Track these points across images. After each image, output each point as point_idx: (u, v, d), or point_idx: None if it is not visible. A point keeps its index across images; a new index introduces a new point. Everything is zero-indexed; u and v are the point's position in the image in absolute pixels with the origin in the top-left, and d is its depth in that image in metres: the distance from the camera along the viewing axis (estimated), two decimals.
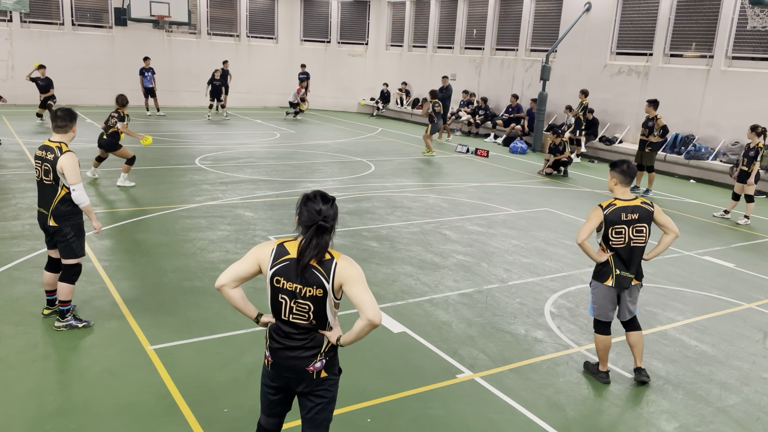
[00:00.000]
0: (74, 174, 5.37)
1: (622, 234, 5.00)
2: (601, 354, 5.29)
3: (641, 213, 5.01)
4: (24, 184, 10.93)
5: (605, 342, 5.24)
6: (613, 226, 4.99)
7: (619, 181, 5.07)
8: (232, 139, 17.67)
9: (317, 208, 3.09)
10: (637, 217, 5.00)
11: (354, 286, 3.09)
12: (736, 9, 15.48)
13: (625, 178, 5.04)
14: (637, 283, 5.15)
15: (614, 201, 5.04)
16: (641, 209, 5.02)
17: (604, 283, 5.09)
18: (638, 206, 5.02)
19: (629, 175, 5.04)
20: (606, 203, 5.05)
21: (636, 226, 5.01)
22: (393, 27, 26.85)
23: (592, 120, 18.00)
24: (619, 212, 4.98)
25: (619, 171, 5.05)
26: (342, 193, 11.52)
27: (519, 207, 11.39)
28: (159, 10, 22.29)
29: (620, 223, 4.98)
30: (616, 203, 5.02)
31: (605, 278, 5.09)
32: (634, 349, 5.29)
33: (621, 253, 5.03)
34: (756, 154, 11.00)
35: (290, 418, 3.68)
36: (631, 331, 5.27)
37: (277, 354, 3.25)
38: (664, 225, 5.11)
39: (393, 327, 6.10)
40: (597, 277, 5.16)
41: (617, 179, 5.07)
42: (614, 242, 5.02)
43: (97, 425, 4.33)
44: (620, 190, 5.08)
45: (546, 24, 20.55)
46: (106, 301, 6.34)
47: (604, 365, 5.33)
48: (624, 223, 4.98)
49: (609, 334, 5.25)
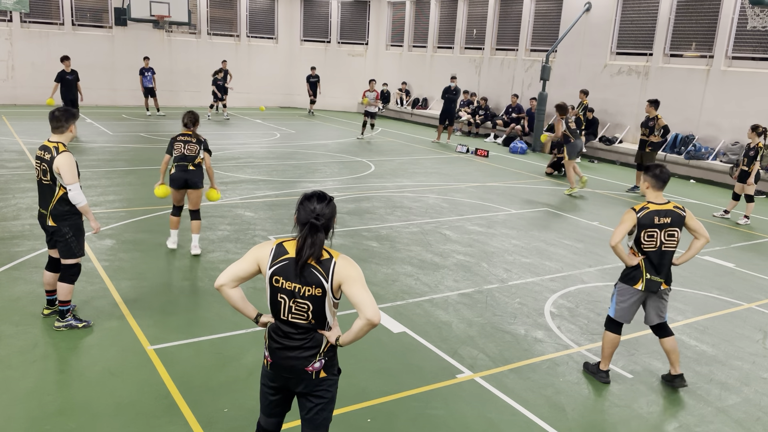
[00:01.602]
0: (71, 174, 5.37)
1: (654, 238, 4.98)
2: (606, 352, 5.30)
3: (674, 217, 4.99)
4: (24, 184, 10.93)
5: (614, 341, 5.26)
6: (645, 229, 4.96)
7: (651, 185, 5.05)
8: (232, 139, 17.67)
9: (312, 206, 3.11)
10: (670, 221, 4.98)
11: (353, 285, 3.09)
12: (736, 9, 15.48)
13: (657, 182, 5.03)
14: (666, 287, 5.12)
15: (647, 204, 5.01)
16: (674, 213, 5.00)
17: (634, 286, 5.07)
18: (671, 210, 5.00)
19: (662, 179, 5.03)
20: (639, 206, 5.02)
21: (668, 230, 4.99)
22: (393, 27, 26.86)
23: (591, 120, 18.00)
24: (652, 216, 4.95)
25: (652, 175, 5.03)
26: (342, 193, 11.52)
27: (519, 207, 11.38)
28: (159, 10, 22.29)
29: (653, 226, 4.96)
30: (649, 206, 4.99)
31: (635, 282, 5.07)
32: (672, 356, 5.25)
33: (652, 257, 5.01)
34: (756, 154, 11.00)
35: (290, 418, 3.68)
36: (665, 337, 5.25)
37: (276, 354, 3.25)
38: (695, 230, 5.09)
39: (393, 327, 6.10)
40: (626, 280, 5.13)
41: (649, 183, 5.05)
42: (646, 246, 4.99)
43: (97, 425, 4.33)
44: (653, 194, 5.06)
45: (546, 24, 20.56)
46: (106, 301, 6.34)
47: (606, 364, 5.33)
48: (656, 226, 4.96)
49: (620, 334, 5.27)
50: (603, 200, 12.47)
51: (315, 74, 24.79)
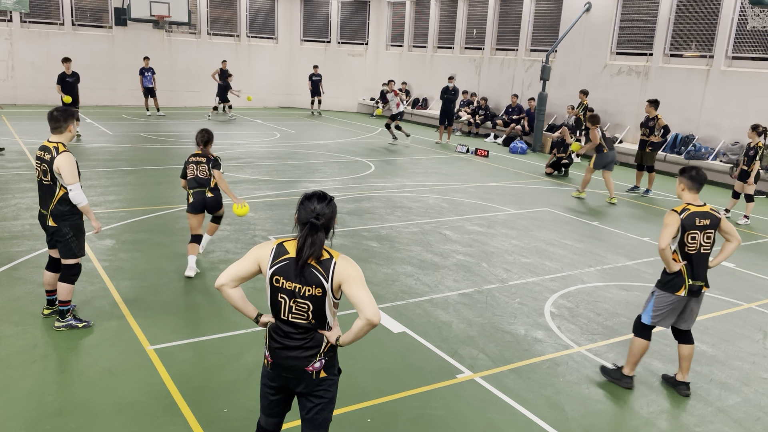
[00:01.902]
0: (71, 174, 5.37)
1: (696, 240, 4.95)
2: (635, 358, 5.21)
3: (711, 219, 4.96)
4: (24, 184, 10.93)
5: (645, 347, 5.19)
6: (688, 231, 4.92)
7: (686, 186, 5.01)
8: (232, 139, 17.67)
9: (312, 206, 3.12)
10: (708, 224, 4.95)
11: (353, 285, 3.09)
12: (736, 9, 15.47)
13: (693, 184, 4.98)
14: (706, 290, 5.10)
15: (687, 206, 4.97)
16: (712, 216, 4.97)
17: (676, 293, 5.00)
18: (709, 212, 4.98)
19: (698, 181, 4.98)
20: (680, 208, 4.96)
21: (706, 232, 4.96)
22: (393, 27, 26.85)
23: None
24: (693, 217, 4.92)
25: (688, 177, 4.99)
26: (342, 193, 11.52)
27: (519, 207, 11.39)
28: (159, 10, 22.29)
29: (695, 228, 4.92)
30: (690, 208, 4.95)
31: (677, 289, 4.99)
32: (685, 362, 5.23)
33: (693, 260, 4.97)
34: (756, 154, 11.00)
35: (290, 418, 3.68)
36: (685, 343, 5.22)
37: (276, 354, 3.25)
38: (729, 233, 5.07)
39: (393, 327, 6.10)
40: (667, 287, 5.04)
41: (685, 185, 5.02)
42: (689, 248, 4.95)
43: (97, 425, 4.33)
44: (689, 196, 5.01)
45: (546, 24, 20.55)
46: (106, 301, 6.34)
47: (632, 369, 5.24)
48: (698, 228, 4.92)
49: (650, 340, 5.21)
50: (603, 200, 12.47)
51: (317, 73, 24.76)
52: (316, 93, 24.91)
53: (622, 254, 8.91)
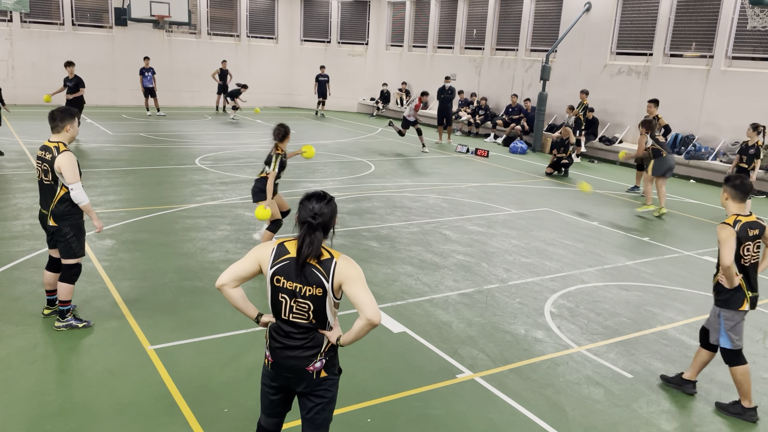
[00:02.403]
0: (72, 173, 5.37)
1: (750, 250, 4.86)
2: (747, 387, 4.89)
3: (760, 228, 4.88)
4: (24, 184, 10.93)
5: (747, 371, 4.91)
6: (744, 242, 4.82)
7: (731, 195, 4.87)
8: (233, 139, 17.67)
9: (311, 206, 3.13)
10: (758, 233, 4.87)
11: (353, 285, 3.09)
12: (736, 9, 15.48)
13: (738, 194, 4.85)
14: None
15: (738, 217, 4.84)
16: (759, 225, 4.89)
17: (740, 309, 4.88)
18: (756, 222, 4.88)
19: (743, 190, 4.85)
20: (731, 220, 4.81)
21: (756, 242, 4.88)
22: (393, 27, 26.86)
23: (591, 120, 18.01)
24: (746, 228, 4.81)
25: (732, 186, 4.86)
26: (342, 193, 11.52)
27: (519, 207, 11.39)
28: (159, 10, 22.30)
29: (748, 239, 4.82)
30: (741, 219, 4.83)
31: (740, 304, 4.88)
32: (700, 366, 5.18)
33: (748, 271, 4.88)
34: (757, 152, 10.99)
35: (290, 418, 3.68)
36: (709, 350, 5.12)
37: (277, 353, 3.26)
38: None
39: (393, 327, 6.10)
40: (729, 305, 4.89)
41: (729, 194, 4.88)
42: (745, 259, 4.85)
43: (97, 425, 4.33)
44: (735, 206, 4.87)
45: (546, 24, 20.56)
46: (106, 301, 6.34)
47: (750, 399, 4.91)
48: (750, 239, 4.83)
49: (746, 362, 4.94)
50: (603, 200, 12.47)
51: (324, 74, 24.69)
52: (322, 94, 24.83)
53: (622, 254, 8.91)
